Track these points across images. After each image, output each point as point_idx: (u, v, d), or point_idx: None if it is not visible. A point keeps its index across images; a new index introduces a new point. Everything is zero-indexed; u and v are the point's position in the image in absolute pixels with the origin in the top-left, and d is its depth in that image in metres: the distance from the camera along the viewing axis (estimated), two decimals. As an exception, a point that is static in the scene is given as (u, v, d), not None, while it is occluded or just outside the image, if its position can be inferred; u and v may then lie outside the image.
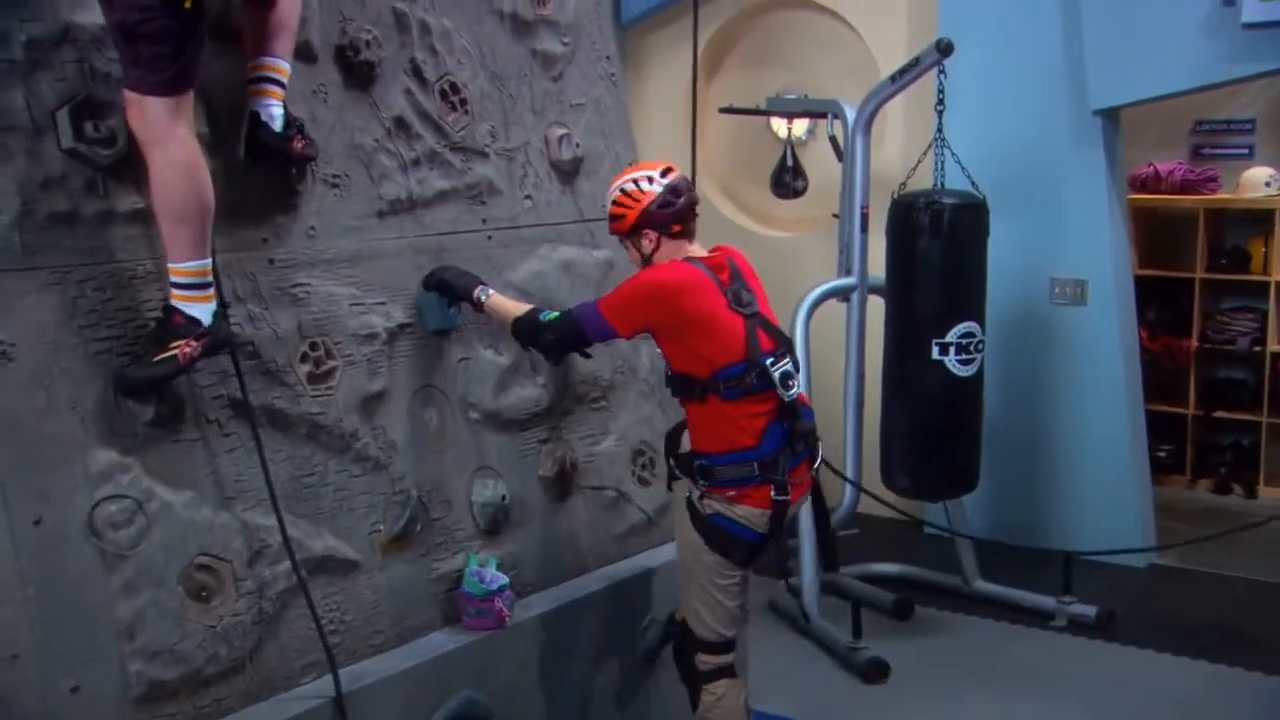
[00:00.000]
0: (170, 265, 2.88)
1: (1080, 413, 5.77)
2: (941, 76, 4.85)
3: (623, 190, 3.53)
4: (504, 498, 3.82)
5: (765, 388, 3.42)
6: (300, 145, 3.22)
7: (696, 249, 3.56)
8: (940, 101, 4.89)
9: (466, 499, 3.75)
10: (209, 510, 3.07)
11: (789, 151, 6.12)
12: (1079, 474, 5.74)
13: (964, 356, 4.83)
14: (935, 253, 4.84)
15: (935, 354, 4.81)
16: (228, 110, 3.18)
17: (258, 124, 3.11)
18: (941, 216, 4.82)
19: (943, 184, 4.96)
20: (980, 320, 4.89)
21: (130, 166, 2.93)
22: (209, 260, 2.92)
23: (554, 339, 3.51)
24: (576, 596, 3.92)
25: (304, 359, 3.32)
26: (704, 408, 3.46)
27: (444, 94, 3.77)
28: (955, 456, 5.03)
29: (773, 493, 3.42)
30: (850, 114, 5.26)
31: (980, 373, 4.93)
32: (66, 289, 2.83)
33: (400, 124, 3.65)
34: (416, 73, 3.70)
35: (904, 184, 5.07)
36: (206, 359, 2.99)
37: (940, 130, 4.94)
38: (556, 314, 3.54)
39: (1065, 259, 5.71)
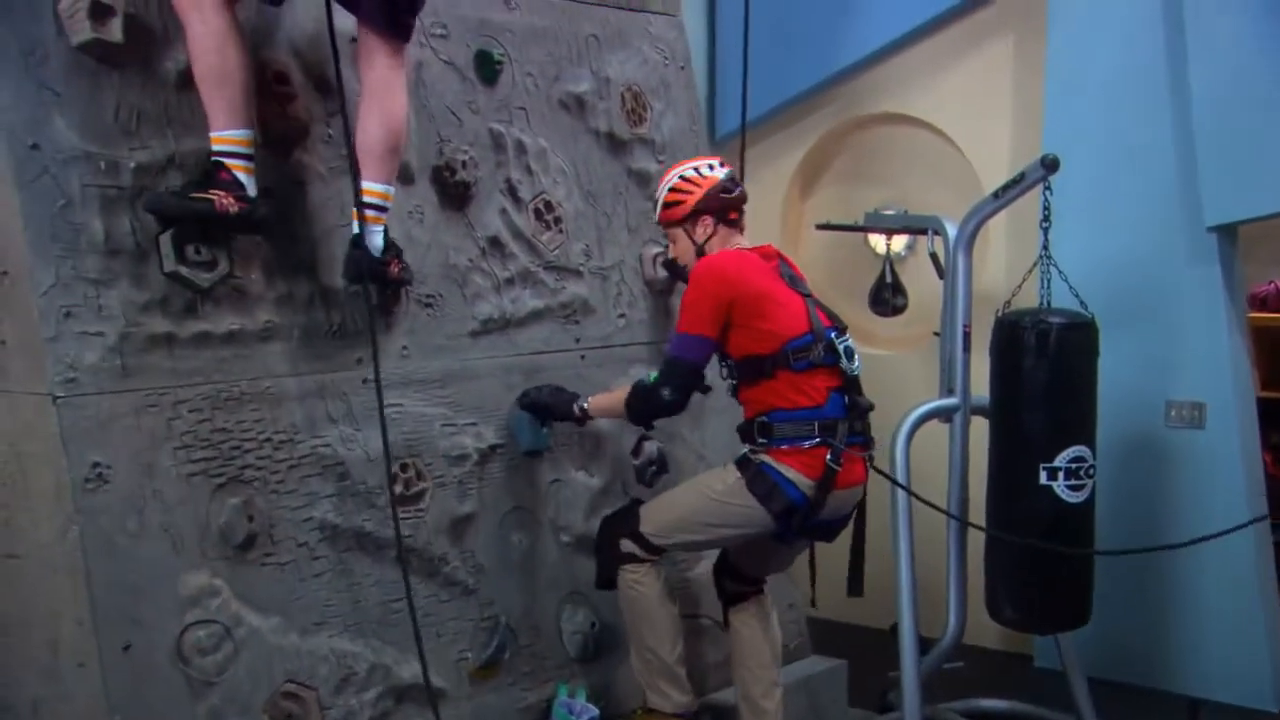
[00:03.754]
0: (212, 133, 2.98)
1: (1201, 543, 5.60)
2: (1047, 192, 4.83)
3: (683, 177, 3.63)
4: (594, 625, 3.81)
5: (831, 361, 3.52)
6: (396, 269, 3.32)
7: (745, 242, 3.67)
8: (1046, 218, 4.86)
9: (556, 626, 3.75)
10: (296, 636, 3.10)
11: (888, 268, 6.12)
12: (1201, 609, 5.55)
13: (1074, 482, 4.72)
14: (1042, 373, 4.75)
15: (1043, 479, 4.70)
16: (321, 232, 3.29)
17: (358, 248, 3.21)
18: (1048, 336, 4.75)
19: (1049, 302, 4.90)
20: (1091, 444, 4.78)
21: (228, 288, 3.04)
22: (249, 131, 3.01)
23: (675, 386, 3.49)
24: (668, 730, 3.87)
25: (394, 480, 3.37)
26: (772, 383, 3.49)
27: (538, 213, 3.86)
28: (1066, 588, 4.90)
29: (828, 457, 3.45)
30: (951, 230, 5.25)
31: (1092, 499, 4.81)
32: (162, 411, 2.93)
33: (494, 243, 3.74)
34: (512, 192, 3.80)
35: (1008, 302, 5.02)
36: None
37: (1046, 247, 4.90)
38: (654, 372, 3.57)
39: (1181, 381, 5.59)
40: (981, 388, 5.10)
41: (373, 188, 3.20)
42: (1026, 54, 6.01)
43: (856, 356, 3.63)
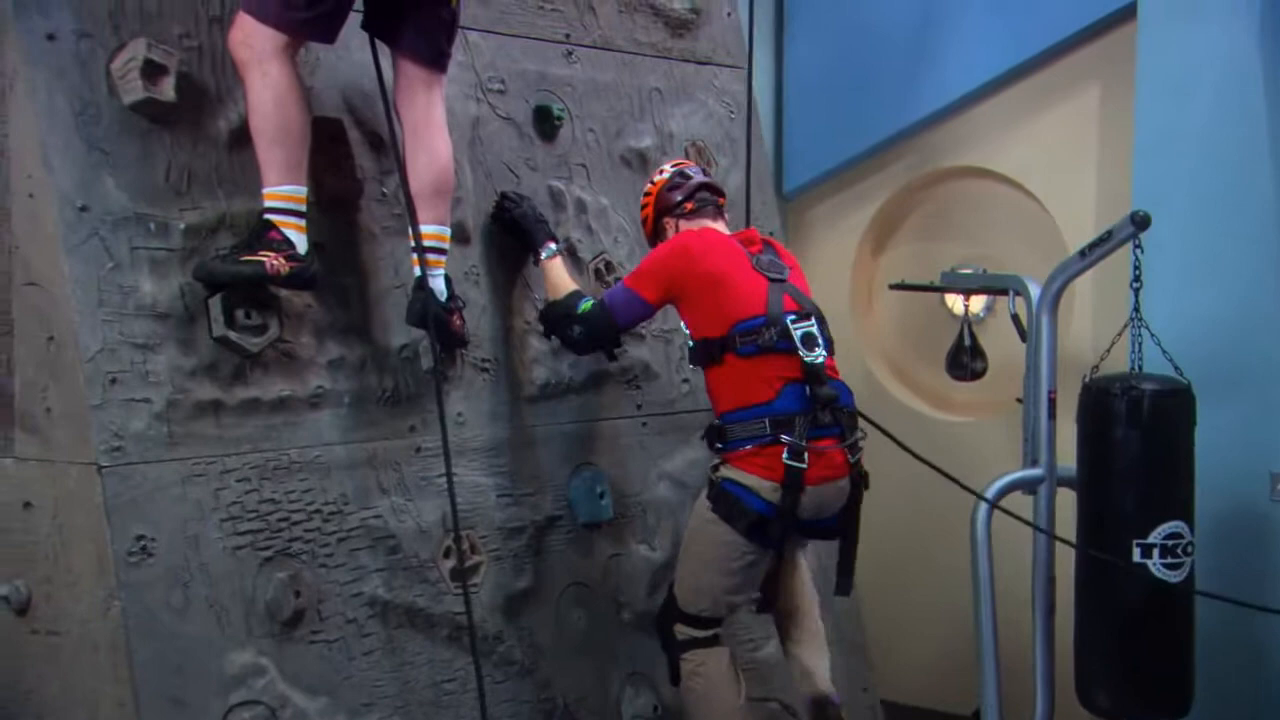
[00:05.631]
0: (265, 190, 3.02)
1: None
2: (1138, 251, 4.79)
3: (643, 193, 3.80)
4: (656, 708, 3.78)
5: (787, 348, 3.46)
6: (458, 323, 3.35)
7: (722, 228, 3.70)
8: (1137, 278, 4.82)
9: (617, 708, 3.73)
10: (344, 718, 3.11)
11: (966, 330, 6.08)
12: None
13: (1170, 560, 4.64)
14: (1134, 443, 4.69)
15: (1137, 556, 4.63)
16: (375, 294, 3.33)
17: (423, 290, 3.26)
18: (1141, 403, 4.69)
19: (1141, 367, 4.85)
20: (1189, 519, 4.70)
21: (278, 352, 3.09)
22: (304, 188, 3.06)
23: (584, 332, 3.54)
24: (735, 824, 3.82)
25: (447, 554, 3.38)
26: (722, 369, 3.49)
27: (599, 273, 3.89)
28: (1164, 674, 4.81)
29: (785, 455, 3.37)
30: (1034, 290, 5.21)
31: (1190, 578, 4.73)
32: (209, 480, 2.96)
33: (554, 305, 3.76)
34: (571, 252, 3.83)
35: (1097, 367, 4.97)
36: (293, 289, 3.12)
37: (1137, 309, 4.85)
38: (590, 302, 3.56)
39: (1286, 451, 5.51)
40: (1068, 458, 5.04)
41: (427, 230, 3.26)
42: (1113, 104, 5.99)
43: (819, 344, 3.54)
